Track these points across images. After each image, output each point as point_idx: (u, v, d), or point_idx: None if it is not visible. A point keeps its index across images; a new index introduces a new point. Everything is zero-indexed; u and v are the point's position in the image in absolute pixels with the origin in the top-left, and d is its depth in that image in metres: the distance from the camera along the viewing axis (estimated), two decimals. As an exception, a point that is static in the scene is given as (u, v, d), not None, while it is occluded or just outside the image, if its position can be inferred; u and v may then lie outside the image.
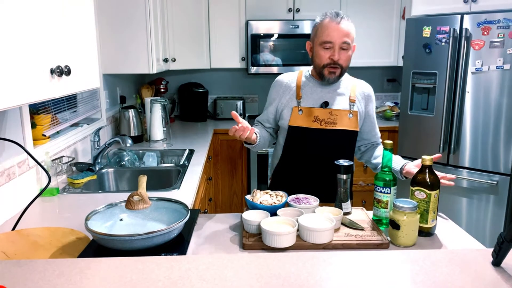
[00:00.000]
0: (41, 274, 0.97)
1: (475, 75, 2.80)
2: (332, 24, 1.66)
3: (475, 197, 2.92)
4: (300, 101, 1.76)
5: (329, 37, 1.66)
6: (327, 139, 1.74)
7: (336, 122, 1.74)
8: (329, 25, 1.67)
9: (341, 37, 1.66)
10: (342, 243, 1.30)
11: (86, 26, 1.54)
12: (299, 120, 1.74)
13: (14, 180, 1.66)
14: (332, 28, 1.66)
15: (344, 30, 1.66)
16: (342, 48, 1.68)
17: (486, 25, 2.71)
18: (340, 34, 1.66)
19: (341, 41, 1.66)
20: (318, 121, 1.73)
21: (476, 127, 2.85)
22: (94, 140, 2.25)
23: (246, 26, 3.58)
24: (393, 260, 1.08)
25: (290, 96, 1.79)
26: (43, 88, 1.24)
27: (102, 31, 2.70)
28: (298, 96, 1.77)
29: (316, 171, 1.77)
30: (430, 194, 1.35)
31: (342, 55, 1.68)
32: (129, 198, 1.38)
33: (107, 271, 1.00)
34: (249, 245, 1.30)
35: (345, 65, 1.72)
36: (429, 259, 1.07)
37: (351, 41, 1.69)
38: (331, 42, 1.67)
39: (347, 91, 1.80)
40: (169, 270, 1.00)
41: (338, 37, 1.66)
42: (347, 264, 1.05)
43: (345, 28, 1.66)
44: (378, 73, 4.16)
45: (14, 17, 1.09)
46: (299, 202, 1.49)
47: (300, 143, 1.76)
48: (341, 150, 1.76)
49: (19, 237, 1.38)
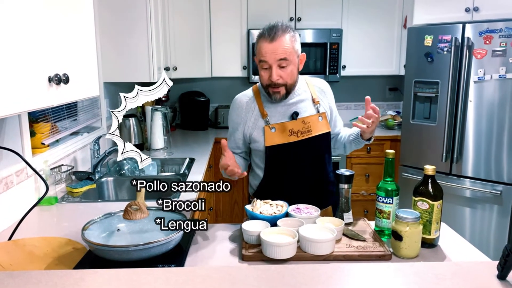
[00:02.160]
0: (34, 286, 0.95)
1: (478, 84, 2.78)
2: (265, 44, 1.57)
3: (479, 207, 2.89)
4: (267, 119, 1.67)
5: (263, 57, 1.58)
6: (307, 149, 1.69)
7: (311, 129, 1.68)
8: (262, 45, 1.58)
9: (276, 55, 1.56)
10: (343, 254, 1.28)
11: (85, 34, 1.53)
12: (275, 138, 1.66)
13: (12, 189, 1.64)
14: (265, 47, 1.57)
15: (279, 48, 1.55)
16: (281, 65, 1.58)
17: (488, 34, 2.70)
18: (274, 52, 1.56)
19: (276, 59, 1.56)
20: (294, 133, 1.66)
21: (479, 136, 2.83)
22: (94, 148, 2.24)
23: (248, 35, 3.59)
24: (395, 272, 1.05)
25: (255, 117, 1.70)
26: (41, 96, 1.23)
27: (103, 39, 2.70)
28: (264, 115, 1.68)
29: (302, 182, 1.72)
30: (433, 205, 1.33)
31: (282, 73, 1.59)
32: (127, 208, 1.35)
33: (102, 284, 0.97)
34: (248, 257, 1.27)
35: (289, 81, 1.62)
36: (432, 272, 1.04)
37: (289, 56, 1.58)
38: (266, 61, 1.58)
39: (307, 94, 1.74)
40: (165, 282, 0.97)
41: (272, 56, 1.56)
42: (349, 276, 1.03)
43: (279, 45, 1.55)
44: (380, 82, 4.15)
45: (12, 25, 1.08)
46: (300, 212, 1.46)
47: (282, 159, 1.69)
48: (321, 155, 1.74)
49: (15, 247, 1.36)
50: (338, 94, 3.94)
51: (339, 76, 3.61)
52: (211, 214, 3.32)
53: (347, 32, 3.64)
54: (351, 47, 3.68)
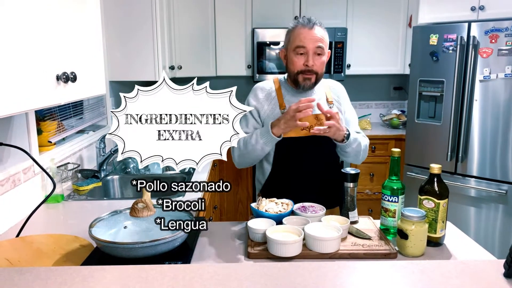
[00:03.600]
0: (43, 282, 0.96)
1: (483, 83, 2.77)
2: (305, 30, 1.64)
3: (484, 206, 2.88)
4: (284, 111, 1.68)
5: (302, 42, 1.63)
6: (317, 145, 1.69)
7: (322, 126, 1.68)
8: (301, 31, 1.64)
9: (314, 42, 1.63)
10: (349, 252, 1.28)
11: (92, 33, 1.54)
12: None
13: (20, 187, 1.66)
14: (305, 33, 1.64)
15: (317, 36, 1.63)
16: (316, 53, 1.64)
17: (494, 33, 2.69)
18: (313, 39, 1.63)
19: (315, 46, 1.63)
20: (307, 128, 1.64)
21: (484, 135, 2.82)
22: (99, 147, 2.25)
23: (252, 34, 3.59)
24: (401, 270, 1.05)
25: (273, 106, 1.72)
26: (49, 94, 1.24)
27: (109, 38, 2.71)
28: (282, 106, 1.70)
29: (309, 179, 1.71)
30: (438, 203, 1.33)
31: (316, 60, 1.65)
32: (134, 206, 1.36)
33: (110, 280, 0.98)
34: (254, 254, 1.28)
35: (320, 71, 1.68)
36: (439, 270, 1.04)
37: (325, 46, 1.66)
38: (304, 47, 1.63)
39: (323, 94, 1.76)
40: (173, 279, 0.98)
41: (311, 42, 1.63)
42: (354, 274, 1.03)
43: (318, 34, 1.64)
44: (385, 81, 4.14)
45: (21, 24, 1.09)
46: (305, 211, 1.47)
47: (292, 153, 1.69)
48: (331, 154, 1.73)
49: (23, 244, 1.37)
50: (342, 93, 3.96)
51: (343, 75, 3.61)
52: (215, 213, 3.33)
53: (352, 31, 3.63)
54: (356, 46, 3.68)
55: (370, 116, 4.00)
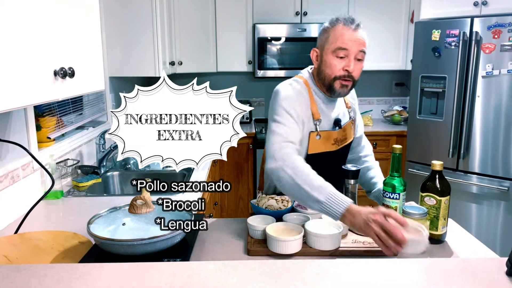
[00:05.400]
0: (40, 280, 0.95)
1: (486, 79, 2.75)
2: (349, 31, 1.46)
3: (485, 203, 2.86)
4: (317, 122, 1.53)
5: (345, 44, 1.46)
6: (341, 156, 1.65)
7: (347, 137, 1.65)
8: (344, 31, 1.47)
9: (358, 45, 1.46)
10: (349, 250, 1.27)
11: (91, 27, 1.53)
12: (317, 145, 1.54)
13: (18, 183, 1.65)
14: (348, 34, 1.46)
15: (361, 39, 1.47)
16: (358, 58, 1.48)
17: (497, 28, 2.66)
18: (358, 42, 1.46)
19: (358, 50, 1.47)
20: (337, 142, 1.59)
21: (486, 131, 2.80)
22: (99, 143, 2.24)
23: (253, 30, 3.57)
24: (403, 268, 1.04)
25: (308, 117, 1.52)
26: (46, 90, 1.22)
27: (109, 34, 2.69)
28: (316, 116, 1.53)
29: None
30: (440, 200, 1.32)
31: (356, 66, 1.49)
32: (132, 202, 1.35)
33: (108, 278, 0.97)
34: (254, 251, 1.27)
35: (357, 78, 1.52)
36: (440, 268, 1.03)
37: (366, 51, 1.51)
38: (346, 49, 1.46)
39: (341, 98, 1.65)
40: (171, 277, 0.97)
41: (355, 45, 1.46)
42: (355, 272, 1.02)
43: (361, 37, 1.48)
44: (386, 77, 4.12)
45: (17, 18, 1.08)
46: (305, 207, 1.46)
47: (321, 167, 1.43)
48: (345, 160, 1.72)
49: (21, 240, 1.36)
50: (344, 89, 3.94)
51: (345, 71, 3.59)
52: (216, 209, 3.32)
53: (353, 27, 3.60)
54: (357, 41, 3.65)
55: (372, 112, 3.98)
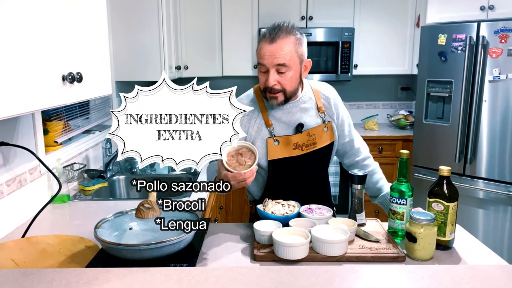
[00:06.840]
0: (48, 284, 0.95)
1: (493, 83, 2.74)
2: (265, 44, 1.43)
3: (492, 208, 2.84)
4: (271, 129, 1.53)
5: (261, 59, 1.44)
6: (310, 161, 1.59)
7: (316, 141, 1.57)
8: (262, 45, 1.44)
9: (274, 59, 1.42)
10: (356, 255, 1.26)
11: (98, 32, 1.54)
12: (278, 151, 1.53)
13: (26, 187, 1.66)
14: (264, 48, 1.43)
15: (279, 51, 1.41)
16: (279, 71, 1.44)
17: (504, 33, 2.65)
18: (273, 55, 1.41)
19: (274, 64, 1.42)
20: (299, 147, 1.54)
21: (493, 136, 2.78)
22: (105, 147, 2.25)
23: (259, 34, 3.58)
24: (410, 275, 1.03)
25: (258, 126, 1.54)
26: (55, 95, 1.23)
27: (116, 38, 2.71)
28: (268, 124, 1.53)
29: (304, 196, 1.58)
30: (448, 206, 1.31)
31: (280, 78, 1.44)
32: (139, 207, 1.35)
33: (115, 283, 0.97)
34: (260, 257, 1.26)
35: (288, 87, 1.47)
36: (449, 275, 1.02)
37: (290, 61, 1.43)
38: (263, 65, 1.44)
39: (312, 101, 1.59)
40: (178, 282, 0.97)
41: (269, 59, 1.42)
42: (362, 278, 1.02)
43: (280, 48, 1.41)
44: (392, 81, 4.11)
45: (26, 24, 1.09)
46: (312, 213, 1.45)
47: (285, 173, 1.56)
48: (324, 167, 1.67)
49: (28, 244, 1.37)
50: (349, 93, 3.94)
51: (350, 75, 3.58)
52: (221, 213, 3.32)
53: (359, 31, 3.60)
54: (363, 46, 3.65)
55: (377, 116, 3.97)
